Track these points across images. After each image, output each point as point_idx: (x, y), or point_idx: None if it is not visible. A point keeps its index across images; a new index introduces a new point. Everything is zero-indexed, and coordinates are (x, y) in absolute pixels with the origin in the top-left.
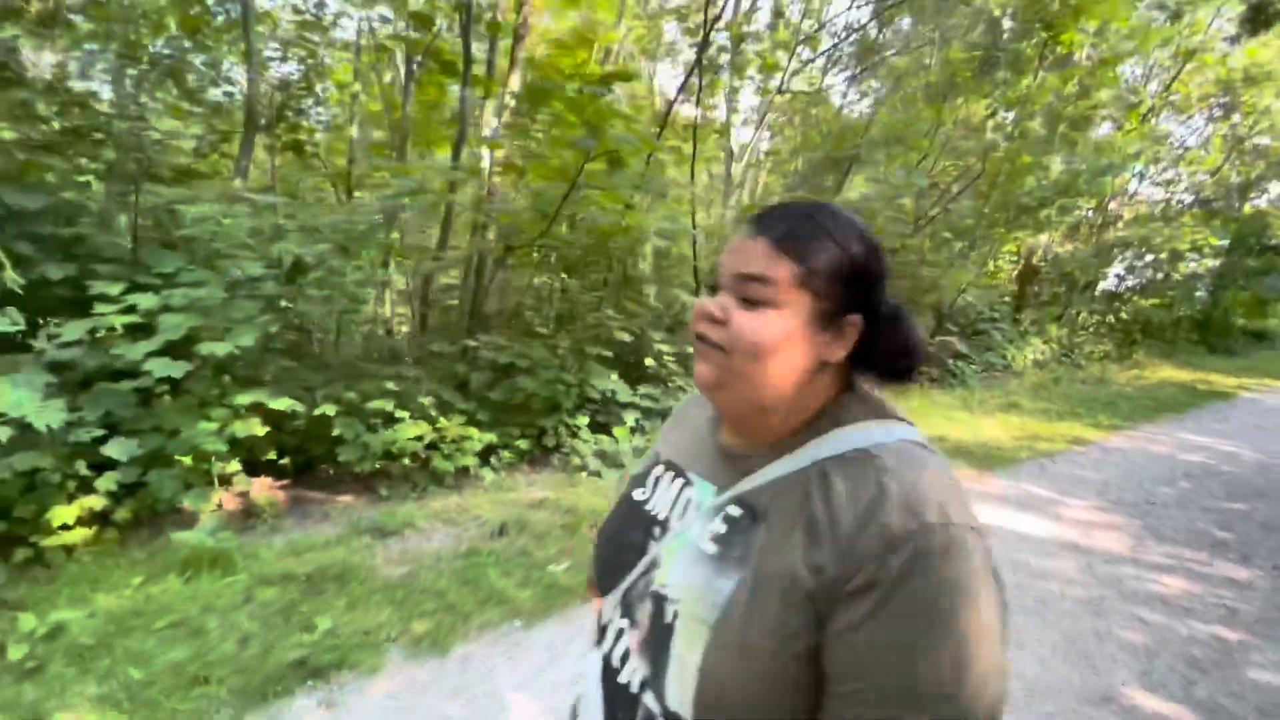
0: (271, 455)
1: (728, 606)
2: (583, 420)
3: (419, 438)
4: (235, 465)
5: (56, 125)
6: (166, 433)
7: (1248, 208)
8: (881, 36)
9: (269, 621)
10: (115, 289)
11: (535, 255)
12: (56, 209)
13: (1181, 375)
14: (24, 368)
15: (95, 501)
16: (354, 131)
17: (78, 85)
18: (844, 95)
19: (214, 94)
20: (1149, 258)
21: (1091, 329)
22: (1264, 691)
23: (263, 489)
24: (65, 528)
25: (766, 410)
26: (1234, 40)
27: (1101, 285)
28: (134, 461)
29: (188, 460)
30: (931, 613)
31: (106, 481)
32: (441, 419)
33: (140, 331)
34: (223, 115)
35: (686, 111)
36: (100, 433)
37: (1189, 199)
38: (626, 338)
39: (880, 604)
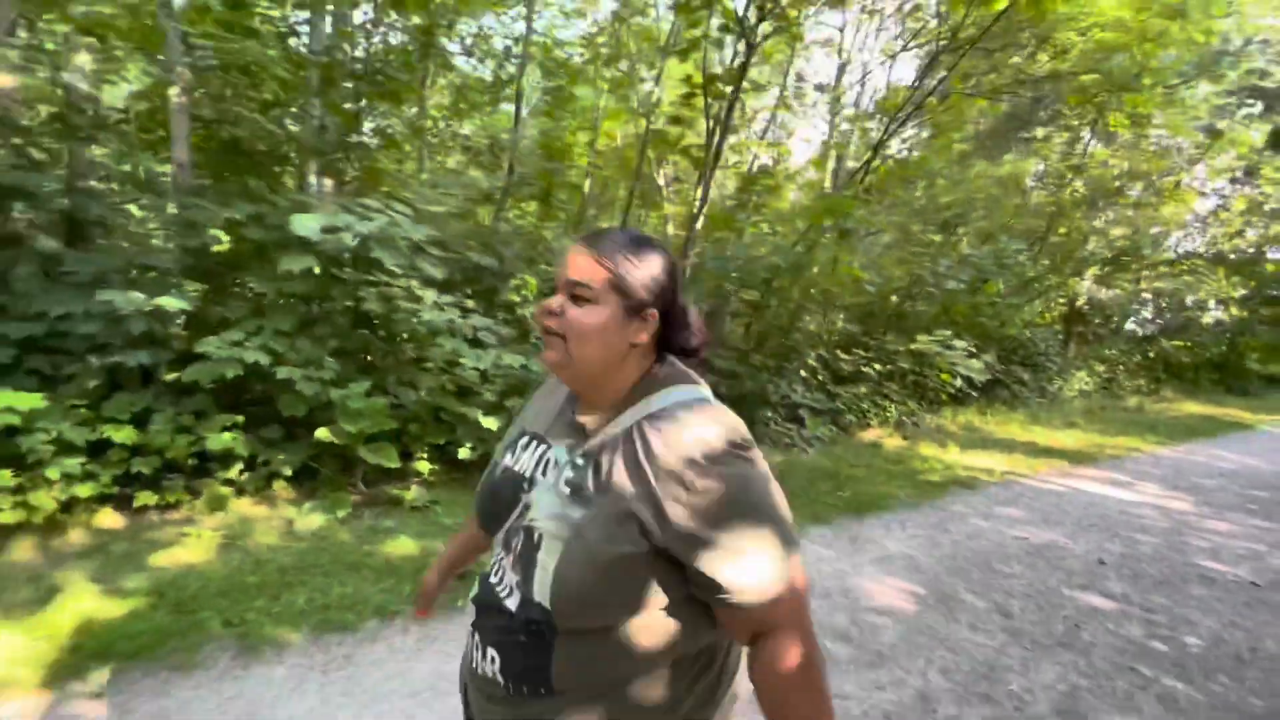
0: None
1: (576, 527)
2: (779, 414)
3: None
4: None
5: None
6: None
7: (1270, 265)
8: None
9: None
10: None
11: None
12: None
13: (1206, 410)
14: None
15: None
16: (586, 187)
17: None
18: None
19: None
20: (1173, 304)
21: (1122, 366)
22: None
23: None
24: None
25: (598, 380)
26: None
27: (1129, 326)
28: None
29: None
30: (748, 513)
31: None
32: None
33: None
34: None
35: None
36: None
37: (1210, 253)
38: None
39: (708, 518)
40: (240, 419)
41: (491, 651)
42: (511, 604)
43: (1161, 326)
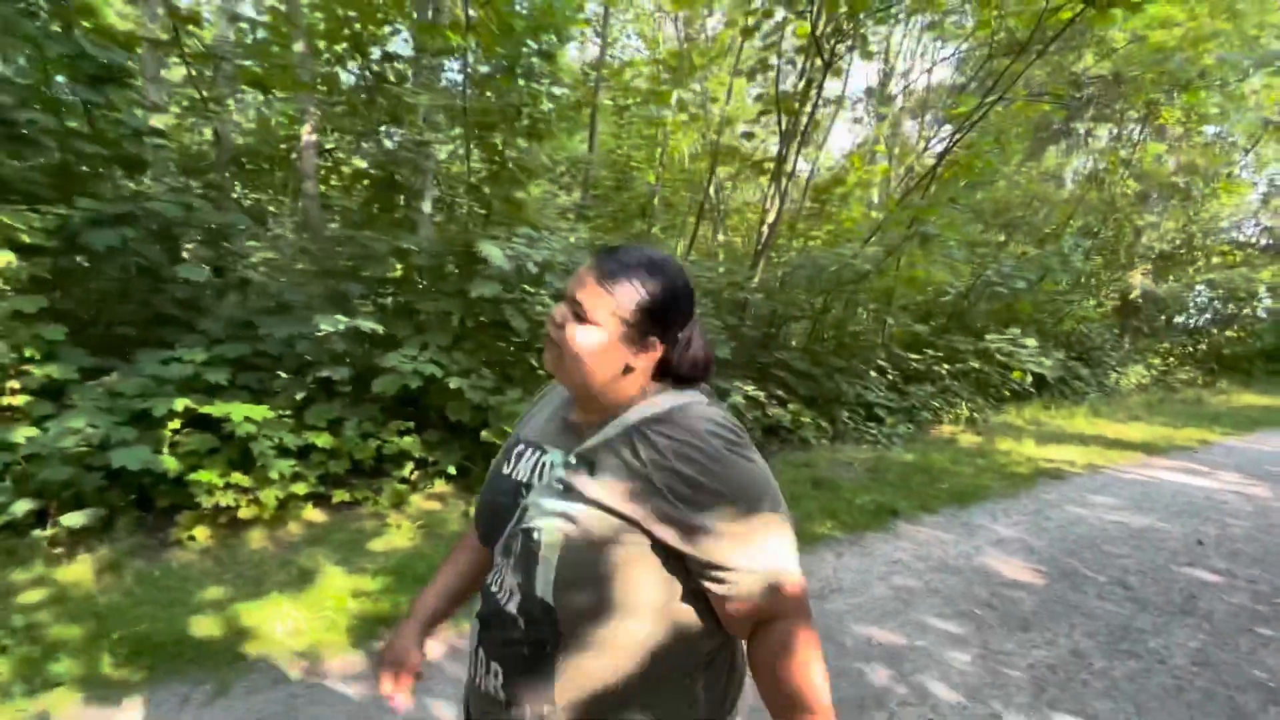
0: None
1: (576, 522)
2: (859, 411)
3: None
4: None
5: None
6: None
7: None
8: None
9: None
10: None
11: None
12: None
13: (1265, 400)
14: None
15: None
16: (656, 203)
17: None
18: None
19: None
20: (1225, 295)
21: (1174, 358)
22: None
23: None
24: None
25: (592, 394)
26: None
27: (1181, 318)
28: None
29: None
30: (750, 501)
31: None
32: (791, 402)
33: None
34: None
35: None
36: None
37: (1264, 242)
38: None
39: (709, 508)
40: (411, 424)
41: (495, 666)
42: (512, 607)
43: (1213, 318)
